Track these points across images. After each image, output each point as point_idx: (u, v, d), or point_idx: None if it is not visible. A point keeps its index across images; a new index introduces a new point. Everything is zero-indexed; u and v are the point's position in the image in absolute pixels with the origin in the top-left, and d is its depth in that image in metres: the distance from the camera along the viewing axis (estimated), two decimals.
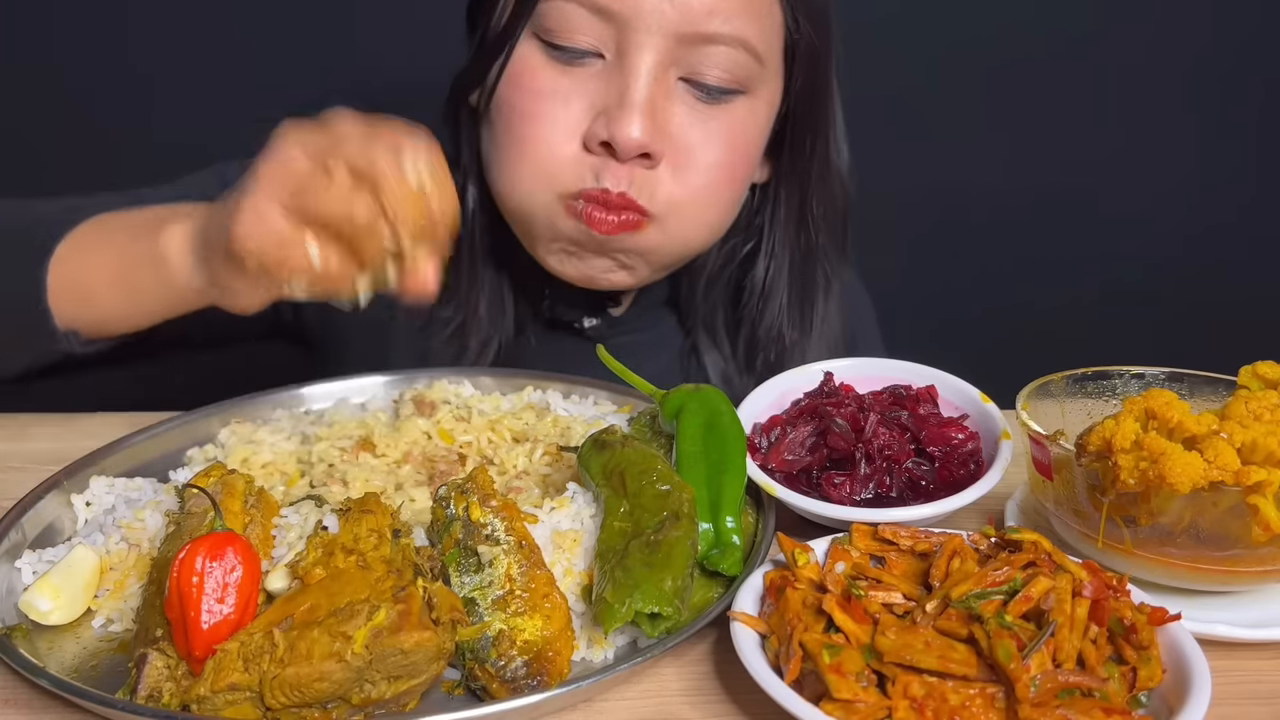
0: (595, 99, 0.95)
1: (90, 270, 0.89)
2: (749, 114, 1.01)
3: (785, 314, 1.15)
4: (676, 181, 0.97)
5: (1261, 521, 0.64)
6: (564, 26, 0.94)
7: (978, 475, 0.79)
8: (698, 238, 1.05)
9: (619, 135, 0.93)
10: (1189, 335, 1.94)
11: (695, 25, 0.93)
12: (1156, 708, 0.59)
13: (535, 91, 0.97)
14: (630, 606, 0.63)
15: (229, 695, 0.58)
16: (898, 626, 0.59)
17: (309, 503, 0.74)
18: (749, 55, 0.96)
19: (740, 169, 1.03)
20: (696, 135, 0.97)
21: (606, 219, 0.96)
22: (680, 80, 0.96)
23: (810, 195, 1.12)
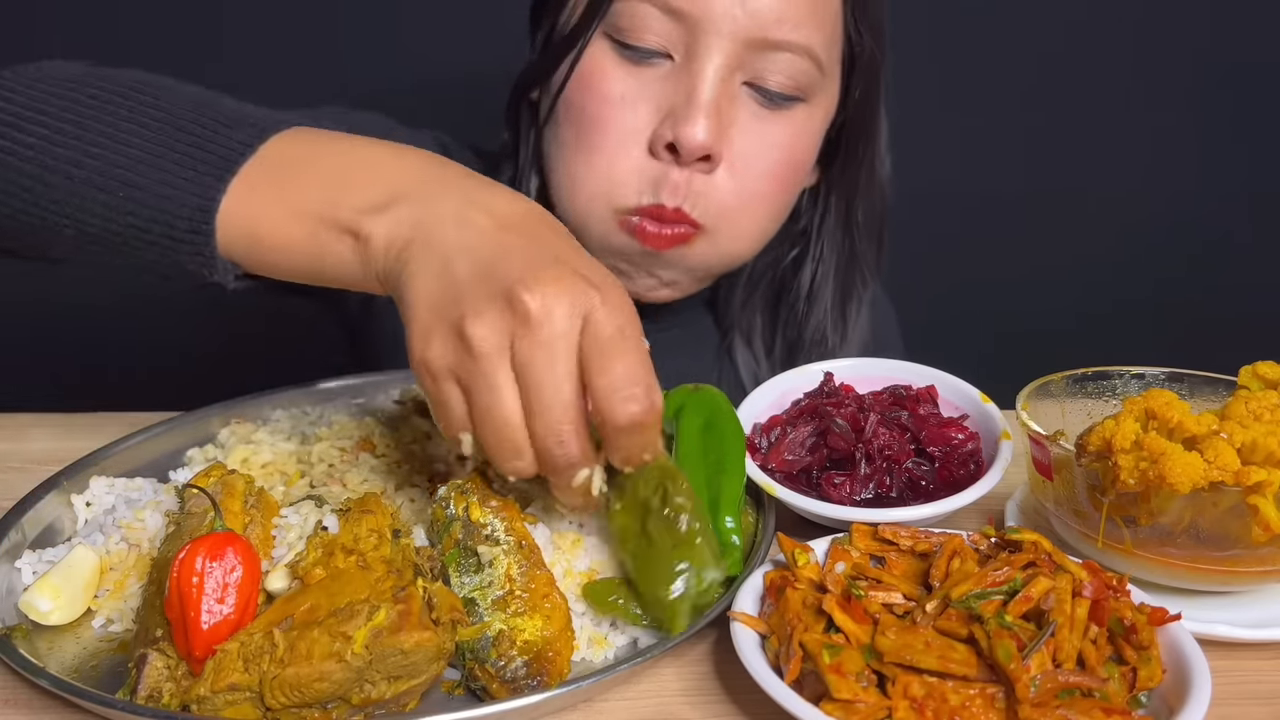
0: (661, 101, 0.96)
1: (268, 215, 0.70)
2: (806, 121, 1.01)
3: (829, 317, 1.16)
4: (730, 188, 0.98)
5: (1261, 521, 0.64)
6: (636, 26, 0.95)
7: (978, 475, 0.79)
8: (746, 247, 1.05)
9: (684, 135, 0.93)
10: (1189, 335, 1.95)
11: (764, 31, 0.93)
12: (1156, 708, 0.59)
13: (604, 95, 0.97)
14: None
15: (229, 695, 0.58)
16: (898, 626, 0.59)
17: (309, 503, 0.74)
18: (812, 63, 0.97)
19: (793, 176, 1.03)
20: (755, 141, 0.98)
21: (660, 233, 0.97)
22: (744, 85, 0.97)
23: (857, 202, 1.13)
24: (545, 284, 0.59)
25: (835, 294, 1.16)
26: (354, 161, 0.70)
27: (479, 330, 0.59)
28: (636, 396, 0.60)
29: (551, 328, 0.59)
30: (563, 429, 0.60)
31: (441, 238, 0.63)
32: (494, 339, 0.59)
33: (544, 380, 0.59)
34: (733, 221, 1.00)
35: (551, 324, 0.59)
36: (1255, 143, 2.02)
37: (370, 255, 0.66)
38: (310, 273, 0.71)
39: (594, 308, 0.60)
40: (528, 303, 0.59)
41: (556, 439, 0.60)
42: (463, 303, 0.60)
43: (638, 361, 0.61)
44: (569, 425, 0.60)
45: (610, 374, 0.60)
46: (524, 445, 0.61)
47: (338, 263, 0.69)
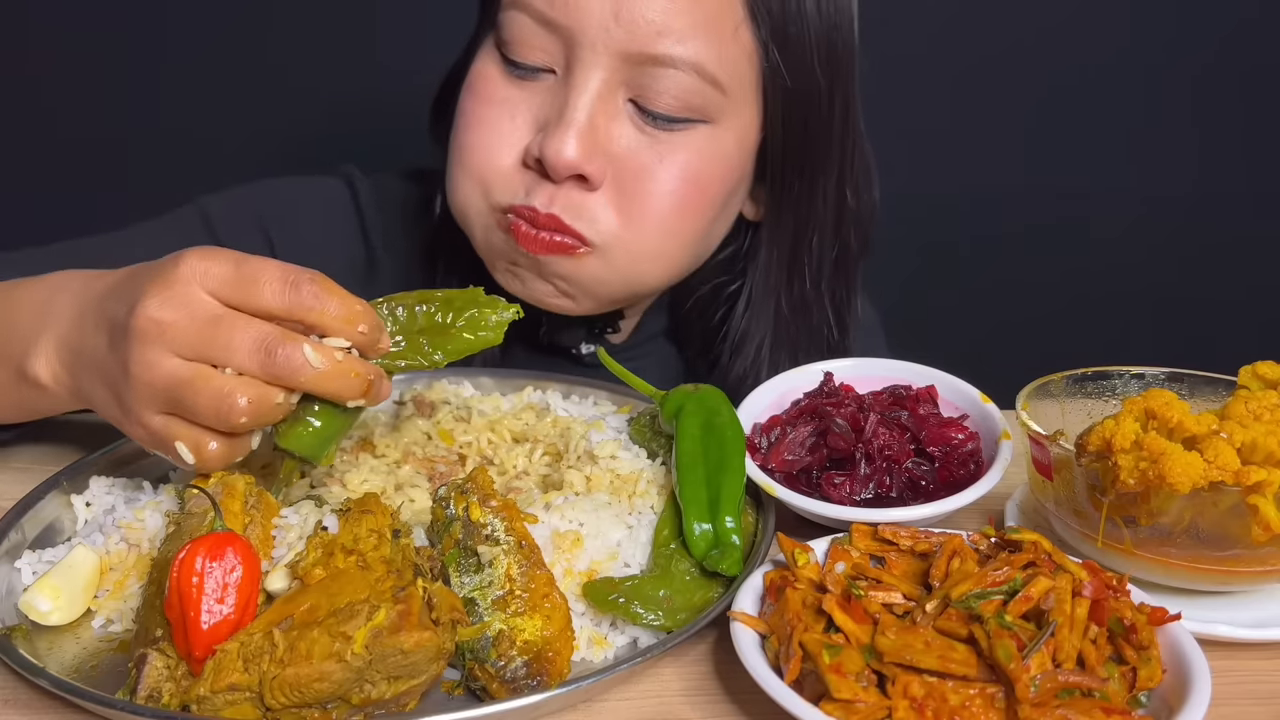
0: (539, 114, 0.92)
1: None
2: (710, 144, 0.94)
3: (766, 365, 1.07)
4: (620, 210, 0.92)
5: (1261, 521, 0.64)
6: (517, 39, 0.92)
7: (978, 475, 0.79)
8: (649, 272, 0.98)
9: (550, 153, 0.88)
10: (1189, 335, 1.95)
11: (642, 45, 0.88)
12: (1156, 708, 0.59)
13: (485, 98, 0.95)
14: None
15: (229, 695, 0.58)
16: (898, 626, 0.59)
17: (309, 503, 0.74)
18: (705, 82, 0.90)
19: (698, 201, 0.95)
20: (644, 161, 0.92)
21: (535, 235, 0.92)
22: (630, 102, 0.91)
23: (807, 240, 1.04)
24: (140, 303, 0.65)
25: (780, 339, 1.07)
26: (14, 309, 0.78)
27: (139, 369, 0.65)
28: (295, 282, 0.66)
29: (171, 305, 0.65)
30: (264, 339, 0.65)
31: (76, 353, 0.72)
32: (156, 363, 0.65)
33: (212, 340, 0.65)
34: (628, 244, 0.94)
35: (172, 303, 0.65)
36: (1255, 143, 2.02)
37: (53, 392, 0.74)
38: (29, 415, 0.82)
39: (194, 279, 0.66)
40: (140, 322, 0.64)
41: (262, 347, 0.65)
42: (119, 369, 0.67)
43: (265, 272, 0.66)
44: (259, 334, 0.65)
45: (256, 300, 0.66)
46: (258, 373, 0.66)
47: (34, 401, 0.78)
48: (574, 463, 0.81)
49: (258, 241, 1.08)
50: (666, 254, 0.98)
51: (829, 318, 1.08)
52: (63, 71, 1.79)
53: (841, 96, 0.99)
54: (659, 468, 0.82)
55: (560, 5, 0.88)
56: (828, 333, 1.09)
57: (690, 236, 0.98)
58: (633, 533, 0.75)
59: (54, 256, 0.88)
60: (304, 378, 0.65)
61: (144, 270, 0.69)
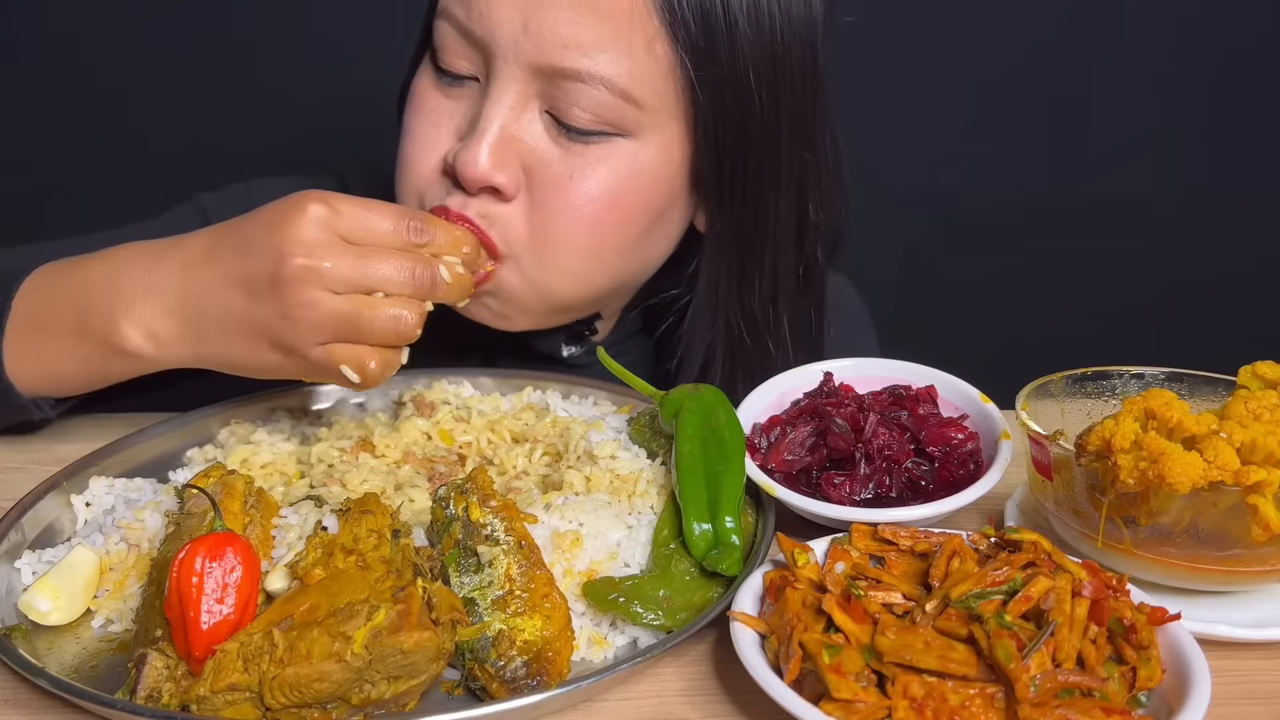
0: (460, 123, 0.93)
1: (46, 352, 0.84)
2: (629, 159, 0.91)
3: (718, 380, 1.03)
4: (531, 220, 0.91)
5: (1261, 521, 0.64)
6: (443, 47, 0.92)
7: (977, 475, 0.79)
8: (564, 285, 0.95)
9: (460, 163, 0.88)
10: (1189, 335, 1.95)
11: (550, 58, 0.86)
12: (1156, 708, 0.59)
13: (416, 109, 0.96)
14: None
15: (229, 695, 0.58)
16: (897, 626, 0.59)
17: (309, 503, 0.74)
18: (617, 97, 0.87)
19: (617, 216, 0.93)
20: (558, 173, 0.90)
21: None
22: (546, 113, 0.90)
23: (758, 256, 1.00)
24: (287, 249, 0.74)
25: (722, 355, 1.03)
26: (85, 284, 0.82)
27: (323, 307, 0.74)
28: (409, 222, 0.79)
29: (321, 254, 0.74)
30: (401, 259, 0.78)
31: (197, 307, 0.78)
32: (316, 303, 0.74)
33: (363, 271, 0.75)
34: (539, 255, 0.92)
35: (318, 254, 0.74)
36: (1256, 142, 2.02)
37: (151, 358, 0.80)
38: (104, 382, 0.86)
39: (322, 222, 0.75)
40: (292, 267, 0.73)
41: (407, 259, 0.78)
42: (274, 308, 0.75)
43: (377, 210, 0.78)
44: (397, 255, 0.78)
45: (371, 232, 0.77)
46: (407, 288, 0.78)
47: (123, 369, 0.83)
48: (574, 463, 0.81)
49: None
50: (579, 269, 0.95)
51: (785, 336, 1.04)
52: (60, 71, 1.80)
53: (789, 109, 0.95)
54: (659, 468, 0.82)
55: (476, 16, 0.89)
56: (783, 353, 1.04)
57: (608, 251, 0.95)
58: (632, 533, 0.75)
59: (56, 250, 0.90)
60: (441, 291, 0.78)
61: (261, 225, 0.77)
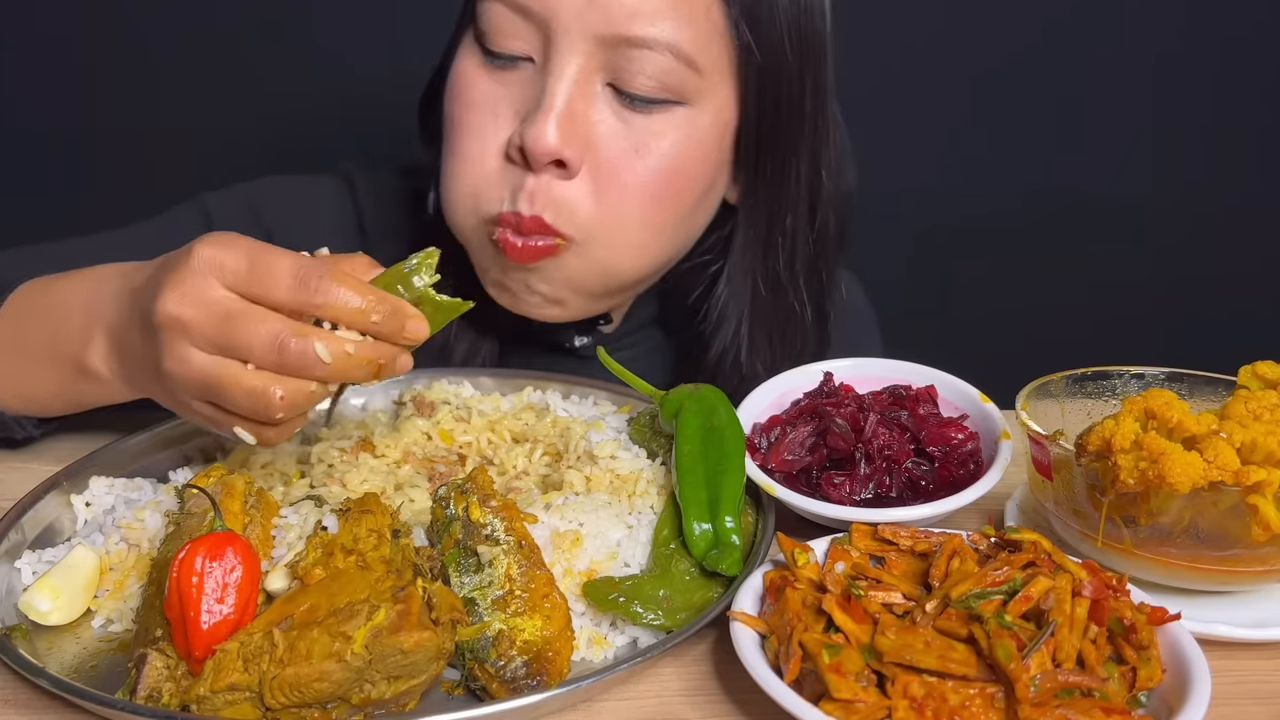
0: (520, 105, 0.92)
1: (24, 375, 0.83)
2: (688, 127, 0.93)
3: (746, 345, 1.08)
4: (597, 197, 0.92)
5: (1261, 521, 0.64)
6: (494, 29, 0.92)
7: (977, 475, 0.79)
8: (626, 261, 0.97)
9: (529, 139, 0.88)
10: (1189, 335, 1.95)
11: (616, 27, 0.88)
12: (1156, 708, 0.59)
13: (468, 101, 0.94)
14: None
15: (229, 695, 0.58)
16: (897, 626, 0.59)
17: (309, 503, 0.74)
18: (680, 62, 0.90)
19: (676, 187, 0.95)
20: (621, 147, 0.92)
21: (521, 245, 0.92)
22: (607, 86, 0.91)
23: (781, 221, 1.04)
24: (161, 300, 0.66)
25: (757, 321, 1.07)
26: (59, 305, 0.81)
27: (166, 364, 0.66)
28: (301, 275, 0.66)
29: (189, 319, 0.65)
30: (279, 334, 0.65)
31: (123, 345, 0.74)
32: (179, 358, 0.66)
33: (232, 334, 0.65)
34: (604, 233, 0.94)
35: (187, 317, 0.65)
36: (1256, 142, 2.02)
37: (106, 381, 0.77)
38: (78, 407, 0.84)
39: (211, 273, 0.66)
40: (165, 309, 0.65)
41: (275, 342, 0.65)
42: (153, 361, 0.68)
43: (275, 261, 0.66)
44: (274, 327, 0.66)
45: (263, 287, 0.66)
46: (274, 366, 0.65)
47: (92, 395, 0.81)
48: (574, 463, 0.81)
49: (256, 236, 1.07)
50: (642, 243, 0.97)
51: (804, 298, 1.09)
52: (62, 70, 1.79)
53: (812, 78, 0.99)
54: (659, 468, 0.82)
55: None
56: (801, 311, 1.09)
57: (667, 223, 0.98)
58: (633, 533, 0.75)
59: (53, 256, 0.89)
60: (319, 372, 0.65)
61: (167, 261, 0.70)
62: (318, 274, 0.65)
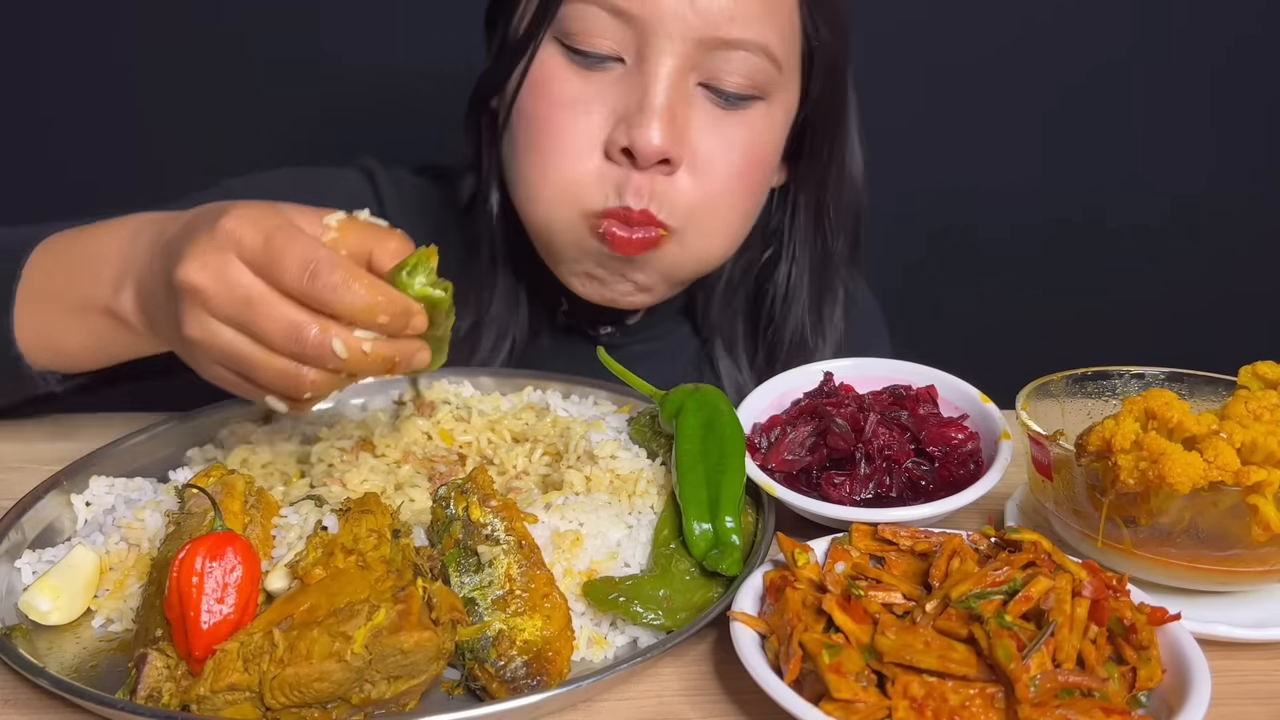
0: (615, 105, 0.94)
1: (54, 325, 0.82)
2: (766, 120, 0.99)
3: (806, 319, 1.15)
4: (695, 188, 0.96)
5: (1261, 521, 0.64)
6: (585, 30, 0.94)
7: (978, 475, 0.79)
8: (718, 248, 1.04)
9: (639, 141, 0.91)
10: (1189, 335, 1.94)
11: (716, 30, 0.92)
12: (1156, 708, 0.59)
13: (556, 100, 0.95)
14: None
15: (229, 695, 0.58)
16: (898, 626, 0.59)
17: (309, 503, 0.74)
18: (768, 61, 0.95)
19: (757, 175, 1.02)
20: (714, 141, 0.96)
21: (630, 237, 0.95)
22: (699, 86, 0.95)
23: (827, 200, 1.12)
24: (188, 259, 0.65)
25: (812, 294, 1.15)
26: (92, 253, 0.79)
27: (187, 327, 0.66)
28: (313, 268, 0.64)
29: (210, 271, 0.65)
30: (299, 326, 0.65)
31: (148, 293, 0.73)
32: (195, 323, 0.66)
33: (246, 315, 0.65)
34: (700, 222, 0.98)
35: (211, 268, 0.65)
36: (1256, 142, 2.02)
37: (136, 331, 0.76)
38: (107, 359, 0.82)
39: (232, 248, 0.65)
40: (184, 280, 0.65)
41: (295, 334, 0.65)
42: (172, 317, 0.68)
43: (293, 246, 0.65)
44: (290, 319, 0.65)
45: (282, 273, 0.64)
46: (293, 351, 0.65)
47: (121, 344, 0.80)
48: (574, 463, 0.81)
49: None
50: (731, 228, 1.03)
51: (843, 274, 1.16)
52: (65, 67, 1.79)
53: (848, 60, 1.06)
54: (659, 468, 0.82)
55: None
56: (846, 290, 1.17)
57: (751, 209, 1.04)
58: (633, 533, 0.75)
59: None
60: (333, 365, 0.65)
61: (197, 220, 0.69)
62: (329, 268, 0.64)
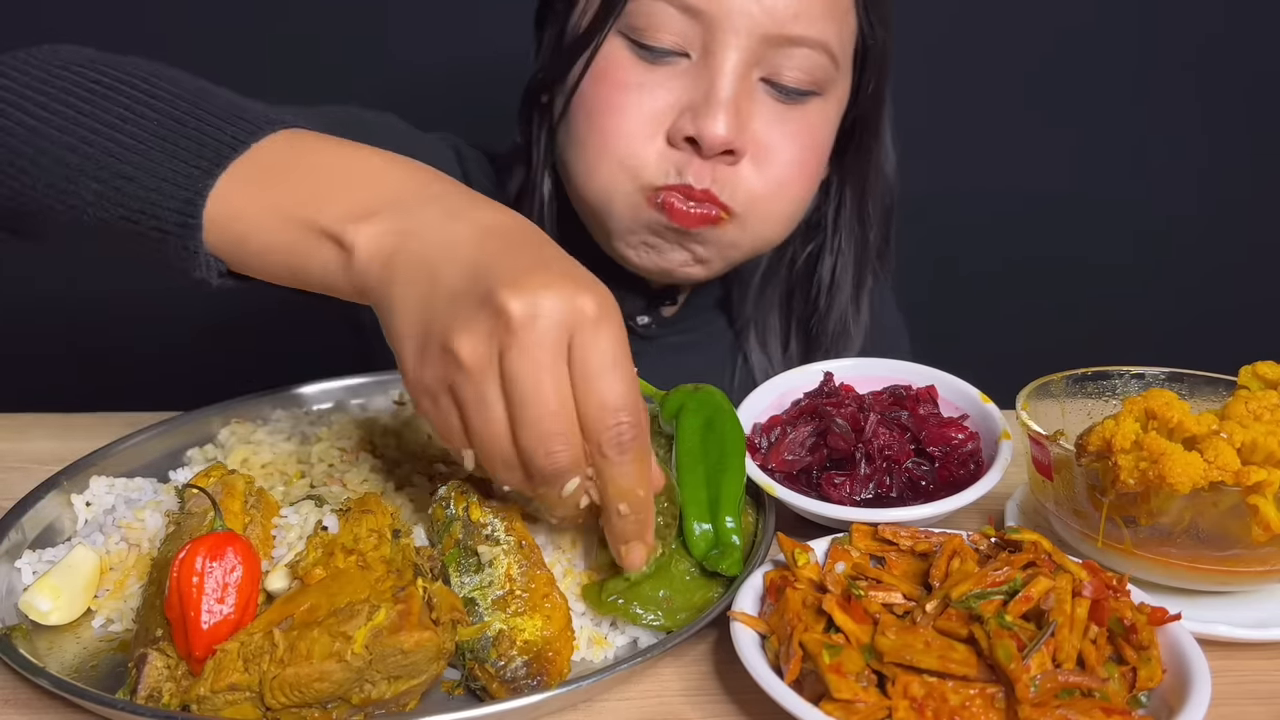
0: (680, 95, 0.97)
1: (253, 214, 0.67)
2: (822, 114, 1.03)
3: (849, 309, 1.18)
4: (758, 177, 1.00)
5: (1261, 521, 0.64)
6: (652, 25, 0.96)
7: (978, 475, 0.79)
8: (774, 232, 1.07)
9: (705, 132, 0.94)
10: (1189, 335, 1.95)
11: (780, 27, 0.95)
12: (1156, 708, 0.59)
13: (620, 84, 0.98)
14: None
15: (229, 695, 0.58)
16: (898, 626, 0.59)
17: (309, 503, 0.74)
18: (827, 58, 0.98)
19: (813, 167, 1.05)
20: (775, 134, 0.99)
21: (688, 210, 0.98)
22: (761, 80, 0.98)
23: (868, 194, 1.15)
24: (528, 288, 0.57)
25: (853, 286, 1.18)
26: (344, 167, 0.68)
27: (465, 345, 0.58)
28: (624, 426, 0.59)
29: (536, 334, 0.57)
30: (551, 442, 0.58)
31: (423, 248, 0.62)
32: (480, 350, 0.58)
33: (528, 392, 0.58)
34: (764, 208, 1.02)
35: (535, 330, 0.57)
36: (1257, 143, 2.02)
37: (353, 264, 0.64)
38: (293, 278, 0.69)
39: (582, 317, 0.58)
40: (511, 308, 0.56)
41: (545, 451, 0.59)
42: (449, 316, 0.59)
43: (626, 386, 0.60)
44: (557, 437, 0.58)
45: (598, 397, 0.59)
46: (514, 458, 0.60)
47: (321, 270, 0.66)
48: None
49: None
50: (788, 216, 1.07)
51: (877, 266, 1.20)
52: None
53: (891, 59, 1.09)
54: (659, 468, 0.81)
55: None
56: (882, 281, 1.22)
57: (805, 198, 1.08)
58: None
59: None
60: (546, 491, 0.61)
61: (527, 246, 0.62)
62: (631, 427, 0.60)
